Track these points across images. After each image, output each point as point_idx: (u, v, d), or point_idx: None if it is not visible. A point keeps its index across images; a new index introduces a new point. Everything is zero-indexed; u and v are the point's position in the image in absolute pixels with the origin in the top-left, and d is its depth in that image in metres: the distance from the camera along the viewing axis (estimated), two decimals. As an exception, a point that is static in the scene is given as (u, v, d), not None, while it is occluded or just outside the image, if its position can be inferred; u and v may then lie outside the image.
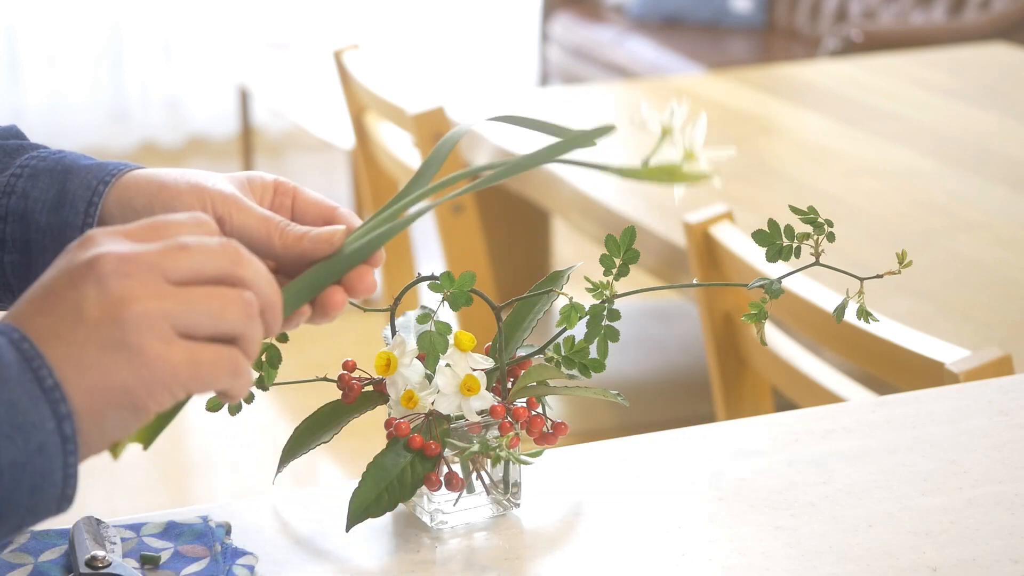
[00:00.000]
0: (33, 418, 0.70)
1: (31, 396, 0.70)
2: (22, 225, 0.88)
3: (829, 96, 2.74)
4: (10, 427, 0.69)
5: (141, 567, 0.88)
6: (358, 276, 0.85)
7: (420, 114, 2.17)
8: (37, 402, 0.70)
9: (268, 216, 0.86)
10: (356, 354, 0.99)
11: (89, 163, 0.89)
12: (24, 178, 0.89)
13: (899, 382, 1.40)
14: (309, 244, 0.85)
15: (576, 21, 5.34)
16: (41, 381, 0.70)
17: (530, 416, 0.93)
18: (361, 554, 0.90)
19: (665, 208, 2.07)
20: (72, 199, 0.87)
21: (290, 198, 0.89)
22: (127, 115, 5.32)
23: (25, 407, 0.70)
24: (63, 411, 0.71)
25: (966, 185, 2.21)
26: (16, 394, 0.70)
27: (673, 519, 0.94)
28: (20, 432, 0.70)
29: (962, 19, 4.45)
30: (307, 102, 4.31)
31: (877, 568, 0.88)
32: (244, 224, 0.85)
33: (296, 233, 0.85)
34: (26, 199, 0.88)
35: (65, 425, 0.71)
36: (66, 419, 0.71)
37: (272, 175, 0.90)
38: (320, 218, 0.88)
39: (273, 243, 0.85)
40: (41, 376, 0.70)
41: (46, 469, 0.71)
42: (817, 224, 0.94)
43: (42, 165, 0.89)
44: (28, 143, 0.92)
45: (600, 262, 0.93)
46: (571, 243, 3.92)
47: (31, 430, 0.70)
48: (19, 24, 5.11)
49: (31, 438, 0.70)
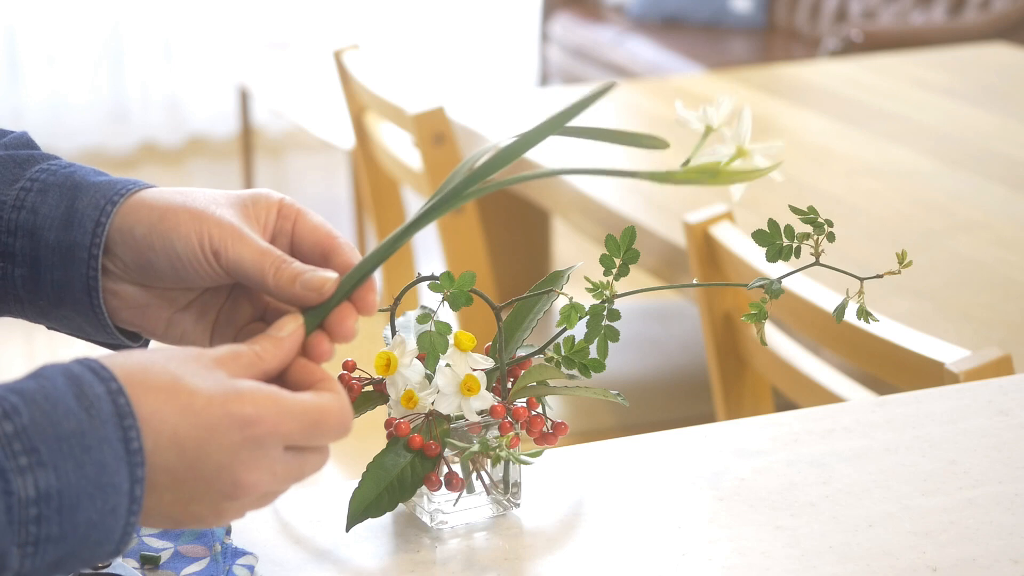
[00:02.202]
0: (116, 479, 0.73)
1: (116, 456, 0.73)
2: (31, 241, 0.88)
3: (829, 96, 2.74)
4: (95, 487, 0.72)
5: (141, 567, 0.88)
6: (338, 319, 0.84)
7: (420, 114, 2.17)
8: (120, 464, 0.73)
9: (265, 250, 0.85)
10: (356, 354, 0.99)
11: (99, 180, 0.89)
12: (34, 192, 0.89)
13: (899, 382, 1.40)
14: (300, 290, 0.84)
15: (576, 21, 5.34)
16: (128, 442, 0.73)
17: (530, 416, 0.93)
18: (361, 554, 0.90)
19: (665, 208, 2.07)
20: (81, 219, 0.87)
21: (291, 221, 0.88)
22: (127, 115, 5.32)
23: (111, 469, 0.73)
24: (139, 475, 0.74)
25: (966, 185, 2.21)
26: (107, 456, 0.73)
27: (673, 519, 0.94)
28: (101, 492, 0.73)
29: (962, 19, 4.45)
30: (307, 102, 4.31)
31: (877, 568, 0.88)
32: (240, 257, 0.85)
33: (289, 274, 0.84)
34: (35, 215, 0.88)
35: (136, 488, 0.74)
36: (139, 483, 0.74)
37: (279, 194, 0.89)
38: (318, 246, 0.87)
39: (267, 281, 0.85)
40: (129, 437, 0.73)
41: (112, 527, 0.74)
42: (817, 224, 0.94)
43: (52, 180, 0.89)
44: (39, 153, 0.92)
45: (600, 262, 0.93)
46: (571, 243, 3.92)
47: (111, 492, 0.73)
48: (19, 24, 5.11)
49: (109, 499, 0.73)
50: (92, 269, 0.87)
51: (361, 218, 4.06)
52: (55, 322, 0.91)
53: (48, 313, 0.90)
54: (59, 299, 0.88)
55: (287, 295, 0.84)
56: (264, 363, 0.79)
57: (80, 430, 0.72)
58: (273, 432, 0.76)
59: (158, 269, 0.86)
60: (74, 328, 0.90)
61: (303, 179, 5.19)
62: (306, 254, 0.87)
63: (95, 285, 0.87)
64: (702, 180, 0.79)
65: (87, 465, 0.72)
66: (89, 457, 0.72)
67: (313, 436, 0.78)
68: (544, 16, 5.50)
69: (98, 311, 0.88)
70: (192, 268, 0.86)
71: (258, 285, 0.85)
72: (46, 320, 0.91)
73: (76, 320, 0.89)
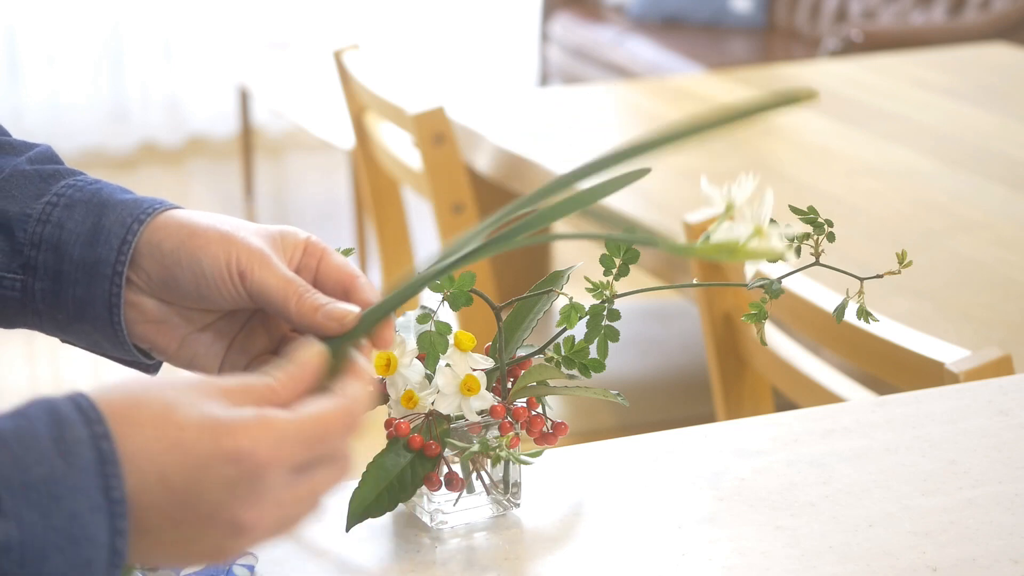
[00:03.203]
0: (90, 531, 0.67)
1: (92, 506, 0.67)
2: (55, 255, 0.88)
3: (829, 96, 2.74)
4: (65, 539, 0.67)
5: (141, 567, 0.88)
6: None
7: (420, 114, 2.17)
8: (97, 514, 0.67)
9: (290, 279, 0.86)
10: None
11: (125, 198, 0.89)
12: (60, 207, 0.89)
13: (899, 382, 1.40)
14: (322, 319, 0.84)
15: (576, 21, 5.34)
16: (108, 491, 0.68)
17: (530, 416, 0.93)
18: (361, 554, 0.90)
19: (665, 208, 2.07)
20: (107, 236, 0.87)
21: (316, 259, 0.89)
22: (127, 115, 5.32)
23: (84, 520, 0.67)
24: (120, 526, 0.68)
25: (966, 185, 2.21)
26: (80, 506, 0.67)
27: (673, 519, 0.94)
28: (73, 545, 0.67)
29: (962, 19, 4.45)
30: (307, 102, 4.31)
31: (877, 568, 0.88)
32: (265, 282, 0.86)
33: (312, 304, 0.85)
34: (61, 229, 0.88)
35: (117, 540, 0.68)
36: (120, 535, 0.68)
37: (306, 233, 0.90)
38: (340, 284, 0.88)
39: (289, 308, 0.85)
40: (110, 486, 0.68)
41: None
42: (817, 224, 0.94)
43: (78, 196, 0.89)
44: (64, 168, 0.92)
45: (600, 262, 0.93)
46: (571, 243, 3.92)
47: (84, 544, 0.67)
48: (19, 24, 5.11)
49: (82, 551, 0.67)
50: (116, 286, 0.87)
51: (361, 218, 4.06)
52: (71, 336, 0.91)
53: (65, 327, 0.90)
54: (79, 314, 0.88)
55: (308, 323, 0.85)
56: (278, 396, 0.74)
57: (52, 477, 0.67)
58: (271, 462, 0.71)
59: (182, 286, 0.87)
60: (90, 343, 0.91)
61: (303, 179, 5.19)
62: (328, 290, 0.88)
63: (117, 302, 0.87)
64: (720, 256, 0.80)
65: (54, 515, 0.66)
66: (58, 507, 0.66)
67: (318, 449, 0.73)
68: (544, 16, 5.50)
69: (117, 328, 0.88)
70: (216, 288, 0.86)
71: (280, 312, 0.86)
72: (62, 334, 0.91)
73: (93, 336, 0.89)
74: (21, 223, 0.89)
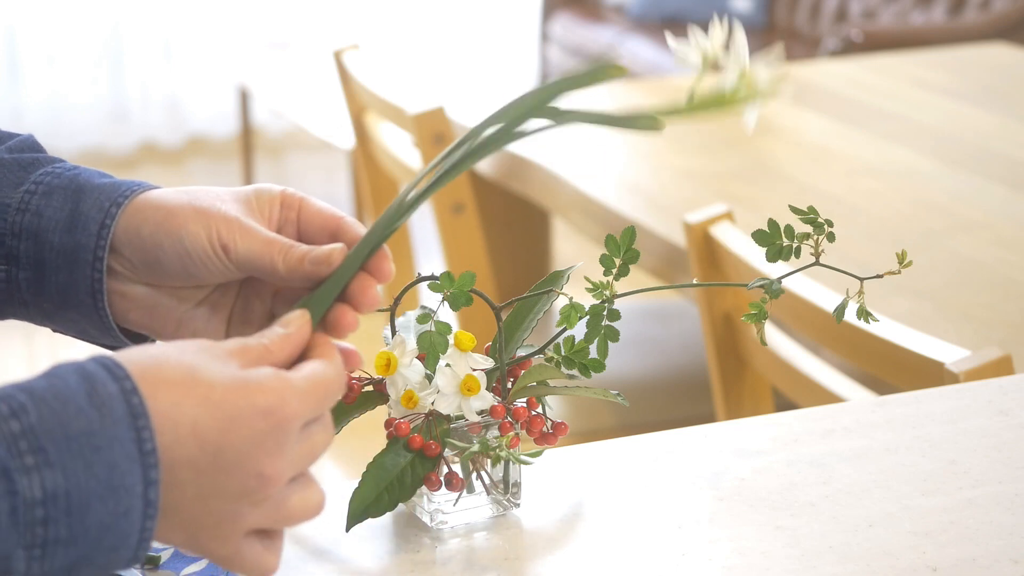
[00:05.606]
0: (128, 481, 0.71)
1: (128, 457, 0.71)
2: (35, 244, 0.88)
3: (829, 96, 2.74)
4: (106, 488, 0.70)
5: (141, 567, 0.88)
6: (360, 289, 0.84)
7: (420, 114, 2.18)
8: (133, 465, 0.71)
9: (271, 239, 0.86)
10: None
11: (103, 182, 0.89)
12: (38, 195, 0.89)
13: (899, 382, 1.40)
14: (310, 266, 0.85)
15: (576, 21, 5.34)
16: (141, 443, 0.72)
17: (530, 416, 0.93)
18: (361, 554, 0.90)
19: (665, 208, 2.07)
20: (85, 221, 0.87)
21: (295, 210, 0.89)
22: (127, 115, 5.32)
23: (122, 469, 0.71)
24: (153, 477, 0.72)
25: (966, 185, 2.21)
26: (118, 456, 0.71)
27: (673, 519, 0.94)
28: (113, 494, 0.71)
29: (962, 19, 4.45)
30: (307, 102, 4.31)
31: (877, 568, 0.88)
32: (249, 250, 0.86)
33: (297, 256, 0.85)
34: (40, 217, 0.88)
35: (151, 491, 0.72)
36: (153, 485, 0.72)
37: (279, 187, 0.90)
38: (325, 229, 0.88)
39: (277, 267, 0.85)
40: (143, 438, 0.72)
41: (127, 531, 0.72)
42: (817, 224, 0.94)
43: (56, 182, 0.89)
44: (44, 156, 0.92)
45: (600, 262, 0.93)
46: (571, 243, 3.92)
47: (123, 493, 0.71)
48: (19, 24, 5.11)
49: (121, 501, 0.71)
50: (97, 271, 0.87)
51: (361, 218, 4.06)
52: (60, 325, 0.91)
53: (53, 316, 0.90)
54: (64, 302, 0.88)
55: (299, 275, 0.85)
56: (273, 356, 0.78)
57: (90, 430, 0.70)
58: (293, 416, 0.75)
59: (167, 267, 0.87)
60: (79, 331, 0.91)
61: (303, 179, 5.19)
62: (314, 238, 0.88)
63: (99, 288, 0.87)
64: (710, 110, 0.76)
65: (97, 465, 0.70)
66: (99, 457, 0.70)
67: (320, 408, 0.78)
68: (544, 16, 5.50)
69: (102, 313, 0.88)
70: (202, 264, 0.86)
71: (269, 274, 0.86)
72: (51, 323, 0.91)
73: (81, 323, 0.89)
74: (1, 213, 0.89)
